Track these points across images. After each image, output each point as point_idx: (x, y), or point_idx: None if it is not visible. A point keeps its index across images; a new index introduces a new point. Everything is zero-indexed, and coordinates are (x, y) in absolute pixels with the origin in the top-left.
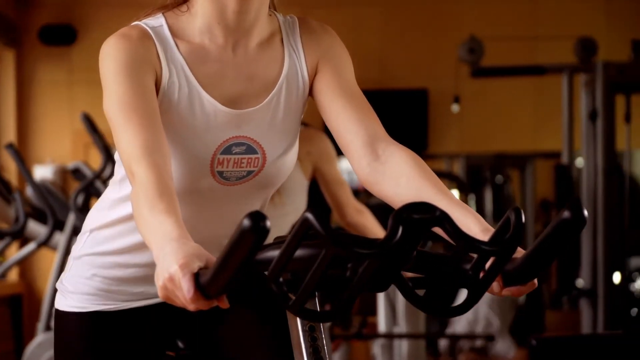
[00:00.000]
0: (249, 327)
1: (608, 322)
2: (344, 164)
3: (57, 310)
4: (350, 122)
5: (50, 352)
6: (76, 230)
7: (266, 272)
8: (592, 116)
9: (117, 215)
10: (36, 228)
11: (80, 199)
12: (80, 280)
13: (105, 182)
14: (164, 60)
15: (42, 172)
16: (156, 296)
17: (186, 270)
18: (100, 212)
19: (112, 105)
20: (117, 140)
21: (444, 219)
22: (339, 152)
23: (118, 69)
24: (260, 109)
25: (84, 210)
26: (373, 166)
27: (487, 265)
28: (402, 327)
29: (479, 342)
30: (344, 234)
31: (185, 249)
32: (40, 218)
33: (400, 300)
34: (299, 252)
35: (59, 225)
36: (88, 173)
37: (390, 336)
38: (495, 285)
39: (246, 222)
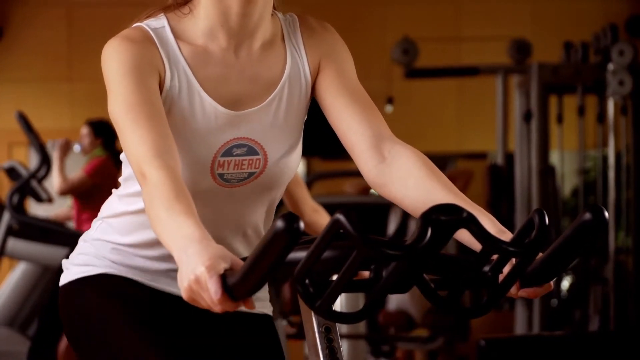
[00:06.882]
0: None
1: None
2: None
3: (62, 286)
4: (354, 121)
5: None
6: (10, 230)
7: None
8: (527, 117)
9: (124, 208)
10: None
11: (15, 199)
12: (89, 257)
13: (40, 182)
14: (167, 63)
15: None
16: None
17: (213, 272)
18: (110, 204)
19: (118, 107)
20: (125, 142)
21: (471, 221)
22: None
23: (123, 70)
24: (261, 110)
25: (19, 209)
26: (380, 168)
27: (506, 267)
28: (341, 326)
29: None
30: (373, 236)
31: (210, 250)
32: None
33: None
34: (326, 253)
35: None
36: (23, 172)
37: None
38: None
39: (280, 224)
